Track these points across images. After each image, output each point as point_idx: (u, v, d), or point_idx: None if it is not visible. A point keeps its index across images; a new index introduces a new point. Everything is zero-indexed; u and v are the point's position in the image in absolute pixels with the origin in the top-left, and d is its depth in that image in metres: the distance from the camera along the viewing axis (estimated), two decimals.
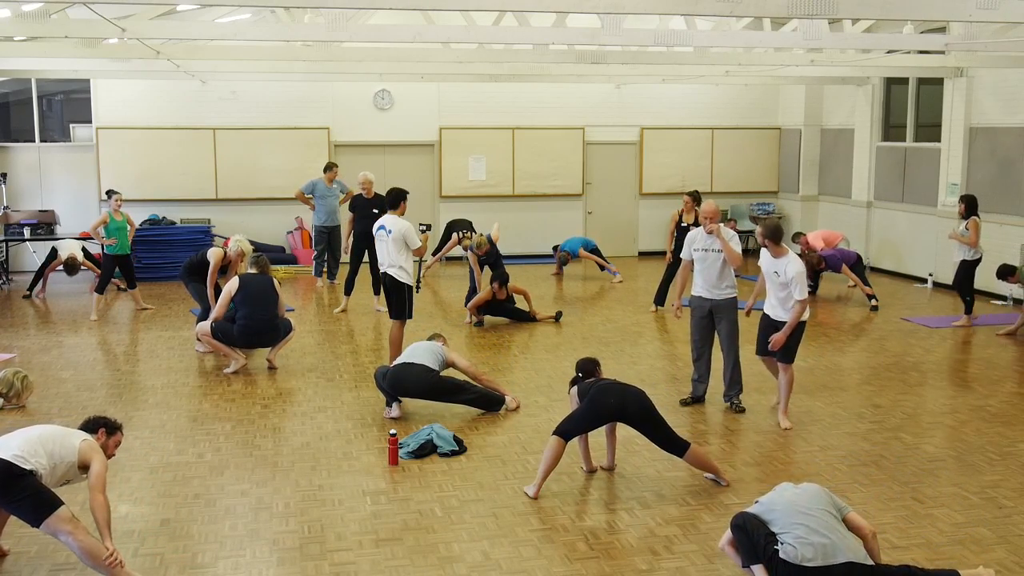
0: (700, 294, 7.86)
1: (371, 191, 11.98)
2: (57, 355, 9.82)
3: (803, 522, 4.50)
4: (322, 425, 7.47)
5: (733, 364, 7.85)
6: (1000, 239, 12.21)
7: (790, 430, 7.31)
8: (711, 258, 7.72)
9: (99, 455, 4.99)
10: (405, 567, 5.06)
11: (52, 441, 4.94)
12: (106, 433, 5.21)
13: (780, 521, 4.57)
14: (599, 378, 6.37)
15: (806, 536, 4.45)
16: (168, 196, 15.30)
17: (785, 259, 7.21)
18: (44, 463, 4.82)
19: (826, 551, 4.43)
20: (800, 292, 7.10)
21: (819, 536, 4.45)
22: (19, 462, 4.74)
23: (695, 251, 7.84)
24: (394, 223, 8.60)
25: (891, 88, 15.13)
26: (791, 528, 4.51)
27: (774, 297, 7.33)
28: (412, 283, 8.77)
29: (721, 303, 7.77)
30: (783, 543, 4.47)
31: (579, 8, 7.34)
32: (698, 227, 7.90)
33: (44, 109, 15.89)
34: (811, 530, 4.47)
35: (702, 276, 7.81)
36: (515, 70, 13.30)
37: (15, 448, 4.80)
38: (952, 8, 7.58)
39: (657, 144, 16.93)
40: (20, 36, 10.46)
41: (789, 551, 4.44)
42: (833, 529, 4.51)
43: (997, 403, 8.10)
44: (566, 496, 6.02)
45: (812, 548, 4.43)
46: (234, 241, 10.15)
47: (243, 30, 10.50)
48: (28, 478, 4.73)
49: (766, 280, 7.42)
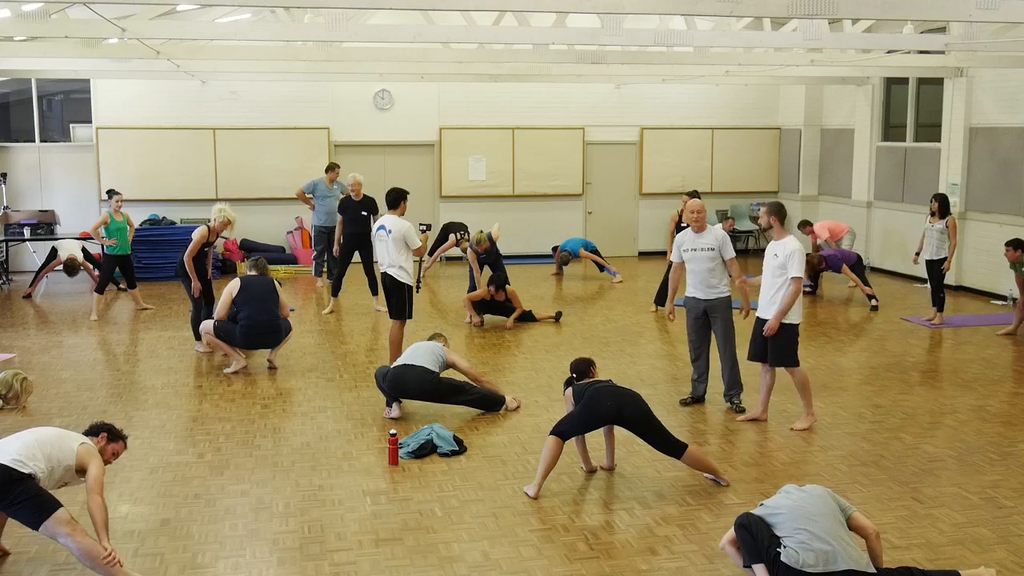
0: (693, 295, 7.85)
1: (360, 193, 11.99)
2: (57, 355, 9.82)
3: (807, 527, 4.51)
4: (322, 425, 7.47)
5: (731, 364, 7.82)
6: (1000, 239, 12.19)
7: (807, 430, 7.29)
8: (701, 257, 7.72)
9: (96, 459, 5.00)
10: (405, 567, 5.06)
11: (50, 444, 4.94)
12: (107, 438, 5.21)
13: (784, 525, 4.57)
14: (594, 379, 6.36)
15: (808, 542, 4.46)
16: (168, 196, 15.30)
17: (784, 240, 7.18)
18: (42, 466, 4.82)
19: (827, 558, 4.44)
20: (796, 269, 7.01)
21: (821, 543, 4.46)
22: (17, 466, 4.74)
23: (685, 252, 7.84)
24: (394, 223, 8.60)
25: (891, 88, 15.13)
26: (794, 533, 4.51)
27: (768, 292, 7.23)
28: (412, 283, 8.77)
29: (715, 303, 7.76)
30: (786, 547, 4.48)
31: (579, 8, 7.34)
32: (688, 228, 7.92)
33: (44, 109, 15.89)
34: (814, 536, 4.48)
35: (694, 276, 7.81)
36: (515, 70, 13.30)
37: (13, 452, 4.80)
38: (952, 8, 7.58)
39: (657, 144, 16.93)
40: (20, 36, 10.46)
41: (791, 555, 4.45)
42: (837, 536, 4.51)
43: (997, 403, 8.10)
44: (566, 496, 6.02)
45: (814, 554, 4.43)
46: (216, 210, 9.85)
47: (243, 30, 10.51)
48: (26, 481, 4.74)
49: (764, 269, 7.34)
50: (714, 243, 7.71)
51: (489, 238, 11.93)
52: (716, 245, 7.70)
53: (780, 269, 7.12)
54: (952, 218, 11.02)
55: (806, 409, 7.38)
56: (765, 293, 7.27)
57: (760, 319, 7.35)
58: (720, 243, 7.71)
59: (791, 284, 7.07)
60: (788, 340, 7.21)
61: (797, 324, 7.24)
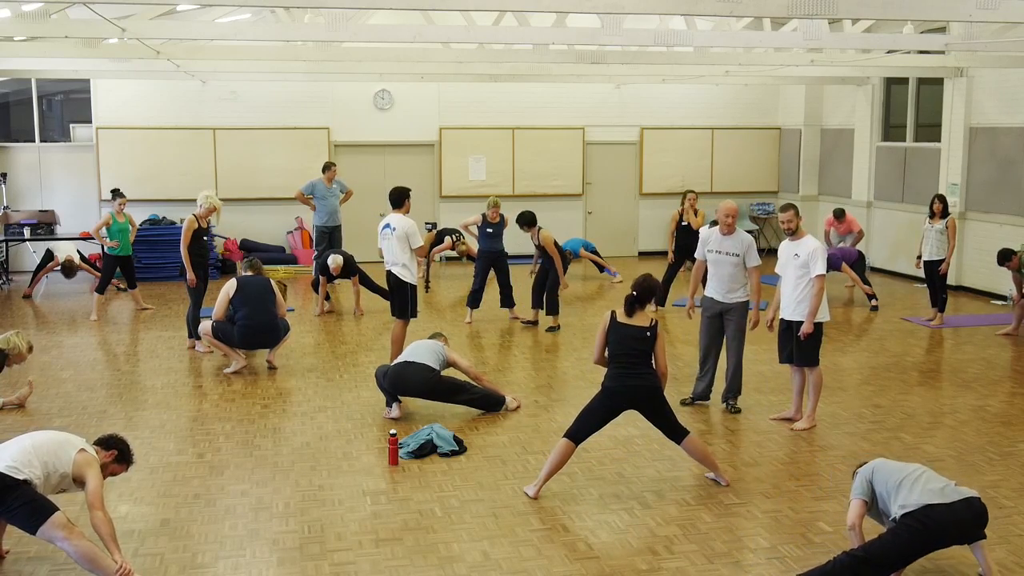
0: (712, 296, 7.75)
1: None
2: (57, 355, 9.82)
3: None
4: (322, 425, 7.47)
5: (735, 366, 7.80)
6: (1000, 239, 12.19)
7: (808, 430, 7.29)
8: (725, 261, 7.59)
9: (94, 470, 4.91)
10: (405, 567, 5.06)
11: (47, 451, 4.89)
12: (115, 458, 5.16)
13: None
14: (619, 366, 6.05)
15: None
16: (168, 196, 15.28)
17: (803, 239, 7.20)
18: (38, 473, 4.79)
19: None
20: (820, 266, 7.05)
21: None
22: (12, 472, 4.72)
23: (709, 252, 7.70)
24: (399, 221, 8.61)
25: (891, 88, 15.13)
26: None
27: (793, 292, 7.22)
28: (415, 282, 8.76)
29: (733, 306, 7.66)
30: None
31: (579, 8, 7.34)
32: (715, 226, 7.77)
33: (44, 109, 15.90)
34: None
35: (715, 279, 7.69)
36: (515, 70, 13.30)
37: (8, 459, 4.78)
38: (952, 8, 7.58)
39: (657, 144, 16.93)
40: (20, 36, 10.46)
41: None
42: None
43: (997, 403, 8.10)
44: (566, 496, 6.02)
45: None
46: (203, 196, 9.80)
47: (243, 30, 10.51)
48: (22, 488, 4.71)
49: (782, 270, 7.33)
50: (740, 249, 7.56)
51: (501, 215, 11.66)
52: (742, 252, 7.56)
53: (803, 268, 7.14)
54: (952, 218, 11.03)
55: (811, 410, 7.38)
56: (789, 294, 7.26)
57: (785, 321, 7.33)
58: (745, 249, 7.56)
59: (815, 282, 7.09)
60: (815, 339, 7.22)
61: (821, 324, 7.25)
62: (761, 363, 9.24)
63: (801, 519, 5.68)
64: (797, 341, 7.21)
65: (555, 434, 7.03)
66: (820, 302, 7.14)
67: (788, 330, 7.31)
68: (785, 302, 7.31)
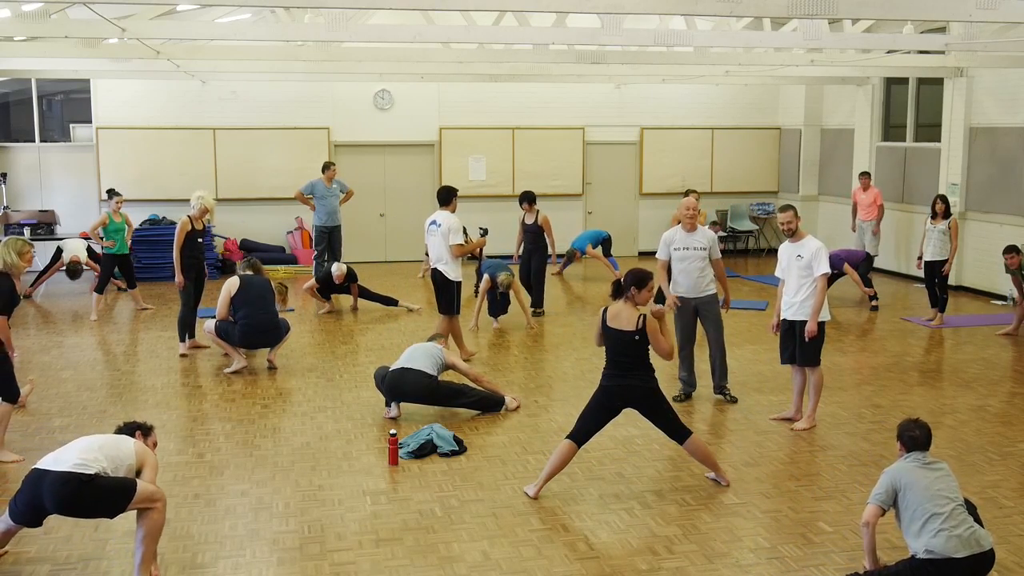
0: (683, 294, 7.86)
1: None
2: (57, 355, 9.82)
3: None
4: (322, 425, 7.47)
5: (721, 354, 7.94)
6: (1000, 239, 12.19)
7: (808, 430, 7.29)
8: (692, 256, 7.76)
9: (151, 454, 5.04)
10: (405, 567, 5.06)
11: (109, 446, 4.91)
12: (143, 435, 5.21)
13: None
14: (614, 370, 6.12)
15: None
16: (168, 196, 15.27)
17: (804, 240, 7.24)
18: (105, 465, 4.78)
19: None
20: (823, 266, 7.09)
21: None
22: (82, 469, 4.69)
23: (675, 250, 7.84)
24: (445, 218, 8.96)
25: (891, 88, 15.13)
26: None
27: (796, 293, 7.23)
28: (460, 279, 9.05)
29: (705, 299, 7.86)
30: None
31: (579, 8, 7.34)
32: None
33: (44, 109, 15.90)
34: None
35: (683, 275, 7.83)
36: (515, 70, 13.30)
37: (74, 458, 4.74)
38: (952, 8, 7.59)
39: (657, 144, 16.93)
40: (20, 36, 10.46)
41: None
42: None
43: (997, 403, 8.10)
44: (566, 496, 6.02)
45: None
46: (196, 197, 9.77)
47: (243, 30, 10.52)
48: (96, 479, 4.70)
49: (784, 270, 7.36)
50: (706, 243, 7.81)
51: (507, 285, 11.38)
52: (707, 245, 7.80)
53: (807, 269, 7.17)
54: (954, 219, 11.02)
55: (811, 410, 7.38)
56: (793, 295, 7.28)
57: (787, 321, 7.34)
58: (711, 243, 7.84)
59: (819, 282, 7.12)
60: (818, 339, 7.24)
61: (825, 322, 7.28)
62: (761, 363, 9.24)
63: (801, 519, 5.68)
64: (800, 341, 7.22)
65: (555, 434, 7.04)
66: (823, 301, 7.17)
67: (790, 330, 7.33)
68: (788, 302, 7.33)
